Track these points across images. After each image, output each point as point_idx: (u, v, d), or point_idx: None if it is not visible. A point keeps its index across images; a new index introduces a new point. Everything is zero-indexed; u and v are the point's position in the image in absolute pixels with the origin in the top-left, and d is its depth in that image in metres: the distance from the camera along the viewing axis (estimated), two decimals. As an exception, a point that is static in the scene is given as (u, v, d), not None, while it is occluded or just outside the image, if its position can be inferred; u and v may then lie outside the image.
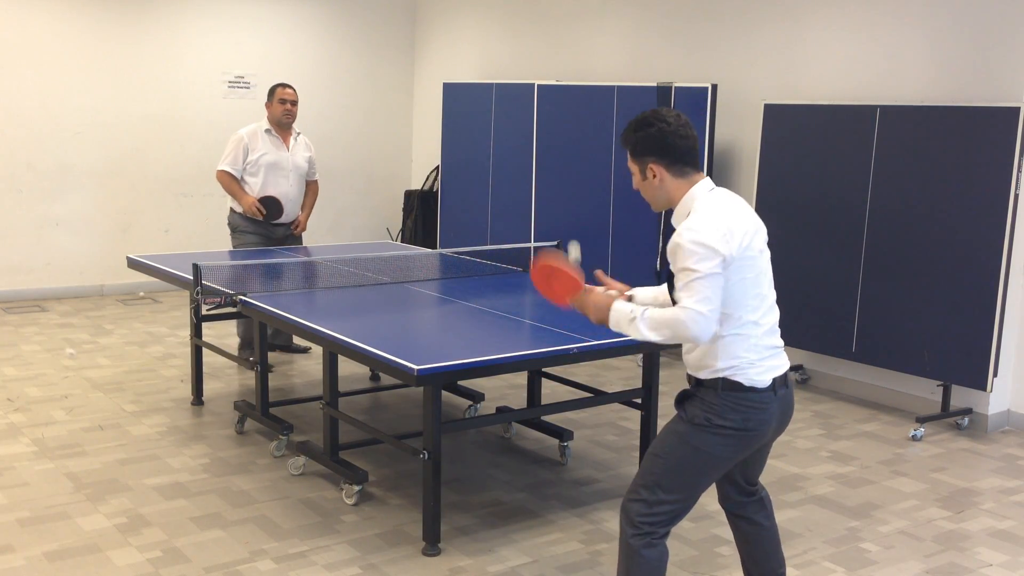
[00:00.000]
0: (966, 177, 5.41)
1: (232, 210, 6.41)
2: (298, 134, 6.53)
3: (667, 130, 2.93)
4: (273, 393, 5.39)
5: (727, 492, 3.23)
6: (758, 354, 2.91)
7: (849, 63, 6.17)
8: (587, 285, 3.07)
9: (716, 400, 2.91)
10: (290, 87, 6.45)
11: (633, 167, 3.03)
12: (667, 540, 3.01)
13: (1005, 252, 5.29)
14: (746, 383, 2.89)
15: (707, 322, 2.79)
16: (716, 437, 2.91)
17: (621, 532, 3.02)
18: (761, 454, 3.15)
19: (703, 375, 2.95)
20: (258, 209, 6.25)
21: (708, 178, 3.01)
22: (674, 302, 2.89)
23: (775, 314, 2.99)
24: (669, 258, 2.89)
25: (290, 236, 6.49)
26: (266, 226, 6.35)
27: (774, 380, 2.92)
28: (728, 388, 2.90)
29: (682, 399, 3.02)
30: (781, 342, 3.01)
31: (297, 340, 6.72)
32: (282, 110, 6.37)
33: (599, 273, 3.23)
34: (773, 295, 2.99)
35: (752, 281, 2.89)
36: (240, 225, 6.37)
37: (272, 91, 6.43)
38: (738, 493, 3.21)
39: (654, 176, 2.97)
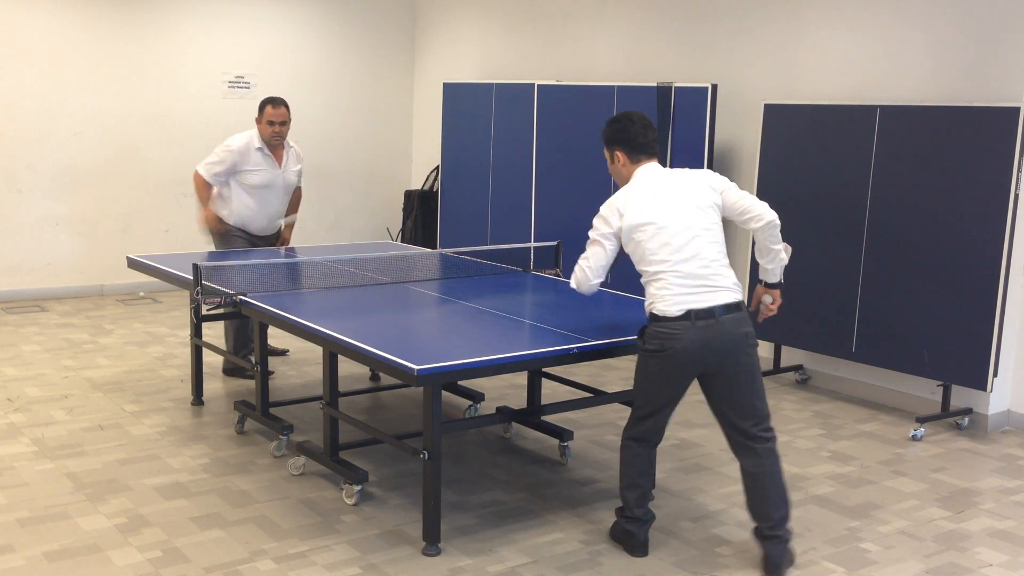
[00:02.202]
0: (966, 177, 5.41)
1: (216, 216, 6.17)
2: (291, 147, 6.22)
3: (632, 128, 3.89)
4: (273, 393, 5.40)
5: (728, 434, 3.84)
6: (668, 291, 3.68)
7: (849, 63, 6.17)
8: None
9: (647, 329, 3.77)
10: (282, 105, 6.04)
11: (606, 154, 3.99)
12: (647, 450, 3.92)
13: (1005, 252, 5.29)
14: (659, 313, 3.70)
15: (586, 279, 3.89)
16: (646, 357, 3.78)
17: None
18: (726, 388, 3.73)
19: (645, 313, 3.80)
20: (212, 225, 6.02)
21: (653, 163, 3.91)
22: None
23: (697, 261, 3.69)
24: None
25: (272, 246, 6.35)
26: (253, 238, 6.21)
27: (689, 311, 3.64)
28: (651, 320, 3.75)
29: (639, 333, 3.84)
30: (718, 282, 3.70)
31: (273, 343, 6.55)
32: (271, 132, 5.99)
33: None
34: (696, 245, 3.70)
35: (649, 241, 3.72)
36: (229, 233, 6.14)
37: (261, 108, 6.04)
38: (739, 435, 3.78)
39: (619, 162, 3.93)
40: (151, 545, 3.90)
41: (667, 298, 3.67)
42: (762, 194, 6.31)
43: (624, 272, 7.30)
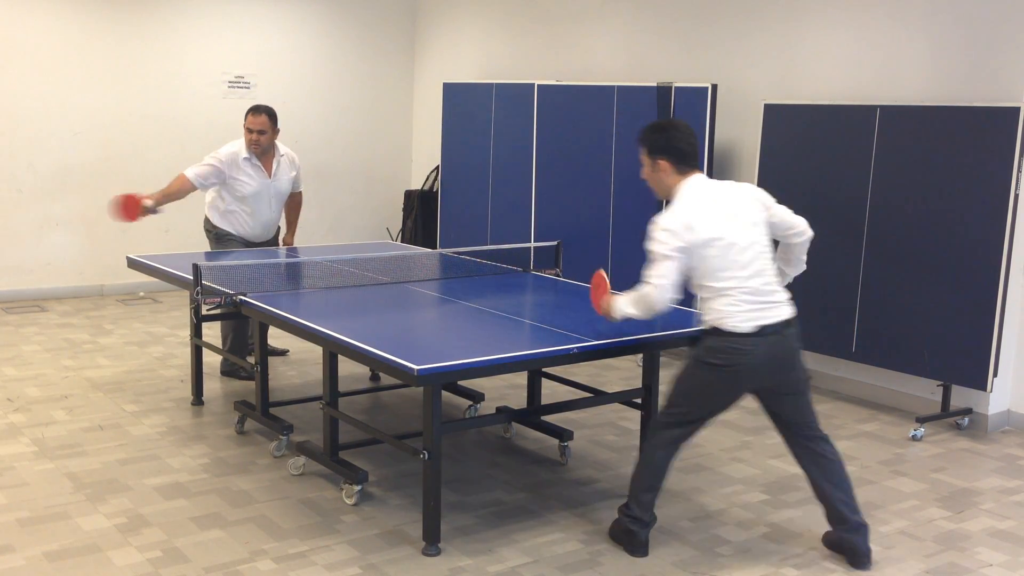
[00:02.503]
0: (966, 177, 5.41)
1: (209, 220, 6.22)
2: (282, 155, 6.17)
3: (678, 136, 3.82)
4: (273, 393, 5.39)
5: (787, 445, 3.96)
6: (738, 307, 3.66)
7: (849, 63, 6.17)
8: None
9: (710, 343, 3.74)
10: (262, 113, 5.97)
11: (646, 160, 3.88)
12: (674, 454, 3.89)
13: (1005, 252, 5.29)
14: (730, 329, 3.67)
15: (660, 292, 3.70)
16: (708, 370, 3.74)
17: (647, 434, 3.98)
18: (788, 400, 3.84)
19: (704, 326, 3.78)
20: (122, 210, 5.90)
21: (701, 175, 3.84)
22: None
23: (759, 278, 3.71)
24: None
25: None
26: (248, 243, 6.23)
27: (761, 327, 3.66)
28: (716, 334, 3.71)
29: (692, 341, 3.90)
30: (777, 297, 3.76)
31: (273, 343, 6.55)
32: (248, 140, 5.96)
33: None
34: (760, 262, 3.73)
35: (719, 258, 3.66)
36: (226, 236, 6.17)
37: (245, 115, 6.03)
38: (797, 437, 3.91)
39: (662, 170, 3.82)
40: (151, 545, 3.90)
41: (737, 315, 3.66)
42: (762, 194, 6.33)
43: (624, 269, 7.29)
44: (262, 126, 5.96)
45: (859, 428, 5.61)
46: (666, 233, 3.68)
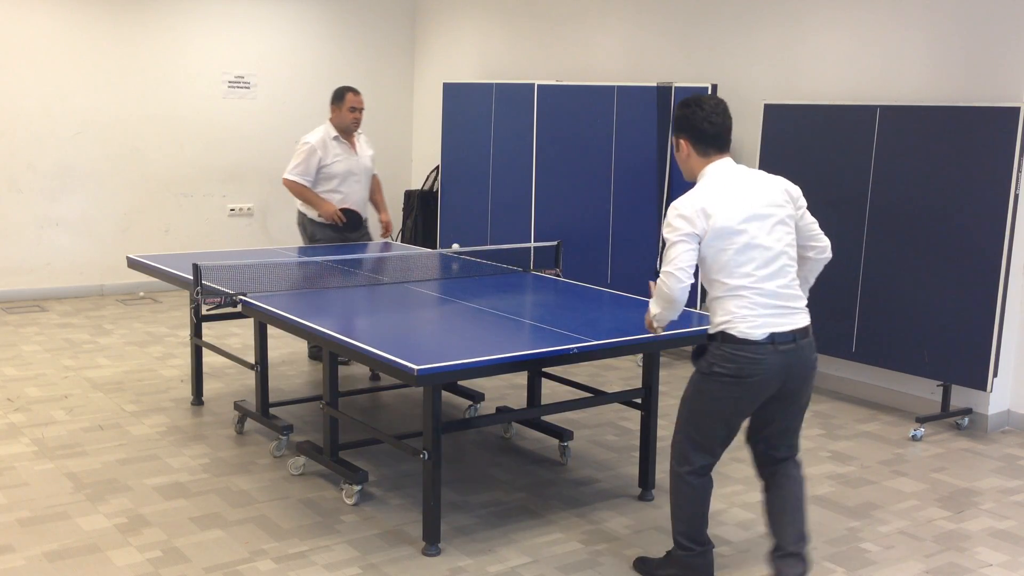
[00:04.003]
0: (966, 177, 5.41)
1: (306, 216, 6.39)
2: (359, 134, 6.52)
3: (699, 114, 3.47)
4: (273, 393, 5.39)
5: (754, 454, 3.63)
6: (752, 311, 3.33)
7: (849, 63, 6.17)
8: None
9: (716, 351, 3.38)
10: (359, 93, 6.40)
11: (672, 140, 3.70)
12: (708, 480, 3.54)
13: (1005, 252, 5.29)
14: (739, 336, 3.33)
15: (675, 281, 3.35)
16: (715, 383, 3.39)
17: (670, 467, 3.59)
18: (778, 417, 3.49)
19: (711, 330, 3.43)
20: (339, 217, 6.23)
21: (727, 159, 3.52)
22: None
23: (779, 279, 3.37)
24: None
25: (366, 236, 6.60)
26: (345, 235, 6.38)
27: (772, 335, 3.32)
28: (724, 340, 3.36)
29: (696, 352, 3.48)
30: (792, 303, 3.39)
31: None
32: (351, 119, 6.34)
33: None
34: (782, 262, 3.39)
35: (737, 252, 3.34)
36: (318, 235, 6.33)
37: (341, 96, 6.36)
38: (762, 459, 3.61)
39: (682, 151, 3.53)
40: (151, 545, 3.90)
41: (749, 319, 3.32)
42: (762, 194, 6.32)
43: (624, 270, 7.23)
44: (363, 104, 6.41)
45: (859, 428, 5.61)
46: (680, 219, 3.35)
